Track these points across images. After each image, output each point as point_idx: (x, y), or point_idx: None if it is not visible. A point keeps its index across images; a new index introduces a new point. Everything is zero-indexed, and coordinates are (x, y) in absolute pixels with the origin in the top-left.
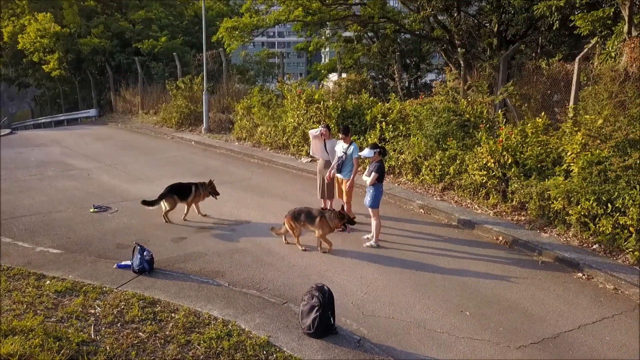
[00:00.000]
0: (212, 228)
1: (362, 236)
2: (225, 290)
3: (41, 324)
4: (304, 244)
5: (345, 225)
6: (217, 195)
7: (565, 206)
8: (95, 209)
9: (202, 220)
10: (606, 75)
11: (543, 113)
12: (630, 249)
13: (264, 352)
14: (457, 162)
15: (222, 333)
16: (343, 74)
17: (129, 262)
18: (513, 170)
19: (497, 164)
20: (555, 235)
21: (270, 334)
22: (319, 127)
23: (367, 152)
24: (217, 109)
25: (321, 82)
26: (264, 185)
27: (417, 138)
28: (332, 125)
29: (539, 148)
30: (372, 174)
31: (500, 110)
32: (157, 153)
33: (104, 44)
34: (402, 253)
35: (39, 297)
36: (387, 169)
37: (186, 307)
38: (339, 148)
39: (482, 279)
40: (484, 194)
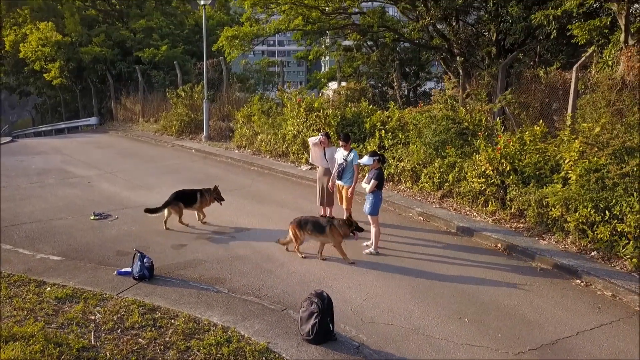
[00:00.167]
0: (212, 235)
1: (362, 243)
2: (224, 296)
3: (42, 330)
4: (303, 251)
5: (354, 233)
6: (222, 201)
7: (564, 213)
8: (96, 217)
9: (202, 227)
10: (603, 84)
11: (541, 121)
12: (628, 256)
13: (264, 358)
14: (456, 169)
15: (222, 339)
16: (343, 83)
17: (129, 269)
18: (511, 177)
19: (495, 172)
20: (553, 243)
21: (269, 340)
22: (318, 135)
23: (366, 160)
24: (217, 117)
25: (321, 90)
26: (263, 192)
27: (416, 146)
28: (331, 133)
29: (537, 156)
30: (372, 181)
31: (499, 118)
32: (158, 161)
33: (105, 53)
34: (401, 260)
35: (40, 304)
36: (387, 177)
37: (186, 313)
38: (339, 155)
39: (481, 286)
40: (482, 202)
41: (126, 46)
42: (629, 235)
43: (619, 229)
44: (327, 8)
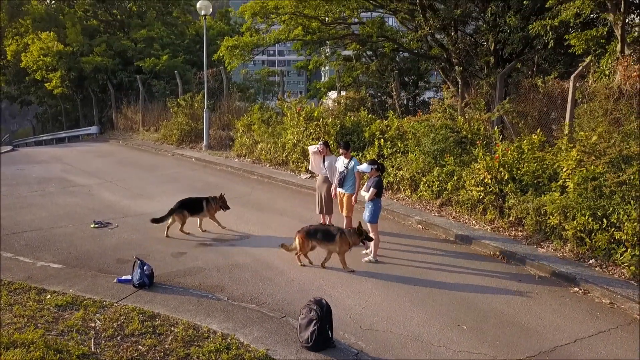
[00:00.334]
0: (211, 243)
1: (361, 251)
2: (224, 304)
3: (42, 337)
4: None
5: (364, 242)
6: (228, 209)
7: (562, 221)
8: (96, 225)
9: (202, 235)
10: (601, 93)
11: (539, 130)
12: (625, 264)
13: None
14: (455, 178)
15: (221, 346)
16: (342, 92)
17: (129, 277)
18: (510, 186)
19: (494, 180)
20: (552, 250)
21: (268, 347)
22: (318, 144)
23: (365, 167)
24: (217, 126)
25: (320, 99)
26: (263, 201)
27: (415, 154)
28: (331, 142)
29: (535, 164)
30: (371, 189)
31: (497, 127)
32: (158, 170)
33: (106, 62)
34: (400, 268)
35: (40, 311)
36: (386, 185)
37: (185, 320)
38: (340, 163)
39: (480, 294)
40: (481, 210)
41: (127, 56)
42: (626, 243)
43: (616, 237)
44: (326, 18)
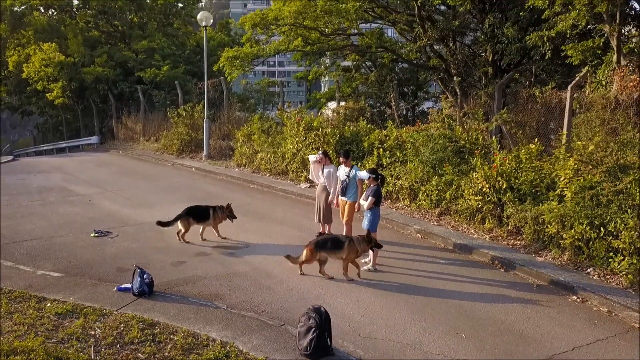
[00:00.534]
0: (211, 252)
1: (360, 260)
2: (223, 312)
3: (42, 345)
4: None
5: (373, 249)
6: (235, 218)
7: (560, 230)
8: (96, 234)
9: (202, 244)
10: (598, 103)
11: (536, 139)
12: (623, 272)
13: None
14: (453, 187)
15: (220, 354)
16: (342, 102)
17: (129, 285)
18: (508, 195)
19: (492, 189)
20: (550, 259)
21: (267, 355)
22: (318, 153)
23: (363, 174)
24: (217, 136)
25: (320, 110)
26: (263, 210)
27: (414, 164)
28: (330, 152)
29: (533, 173)
30: (369, 198)
31: (495, 136)
32: (158, 179)
33: (107, 73)
34: (399, 277)
35: (40, 319)
36: (385, 195)
37: (185, 328)
38: (342, 172)
39: (478, 302)
40: (479, 219)
41: (128, 66)
42: (624, 252)
43: (614, 245)
44: (326, 29)
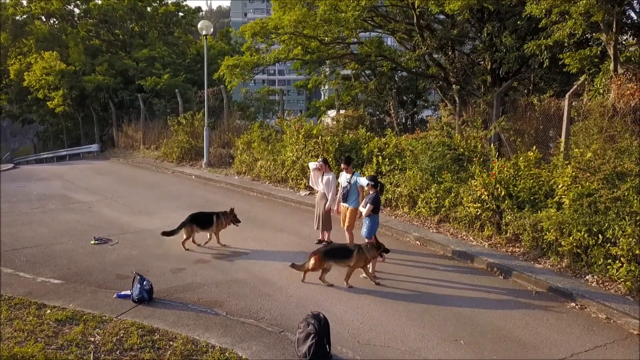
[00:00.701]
0: (211, 259)
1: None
2: (223, 319)
3: (42, 351)
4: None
5: (382, 255)
6: (239, 222)
7: (558, 237)
8: (96, 241)
9: (201, 251)
10: (595, 111)
11: (535, 147)
12: (621, 279)
13: None
14: (452, 194)
15: None
16: (341, 110)
17: (128, 292)
18: (506, 202)
19: (491, 197)
20: (548, 266)
21: None
22: (318, 161)
23: (363, 180)
24: (217, 144)
25: (319, 118)
26: (262, 217)
27: (413, 171)
28: (330, 159)
29: (532, 181)
30: (368, 205)
31: (494, 144)
32: (158, 187)
33: (108, 81)
34: (398, 284)
35: (40, 326)
36: (384, 202)
37: (184, 335)
38: (343, 179)
39: (477, 309)
40: (478, 226)
41: (129, 75)
42: (622, 259)
43: (612, 252)
44: (325, 38)
